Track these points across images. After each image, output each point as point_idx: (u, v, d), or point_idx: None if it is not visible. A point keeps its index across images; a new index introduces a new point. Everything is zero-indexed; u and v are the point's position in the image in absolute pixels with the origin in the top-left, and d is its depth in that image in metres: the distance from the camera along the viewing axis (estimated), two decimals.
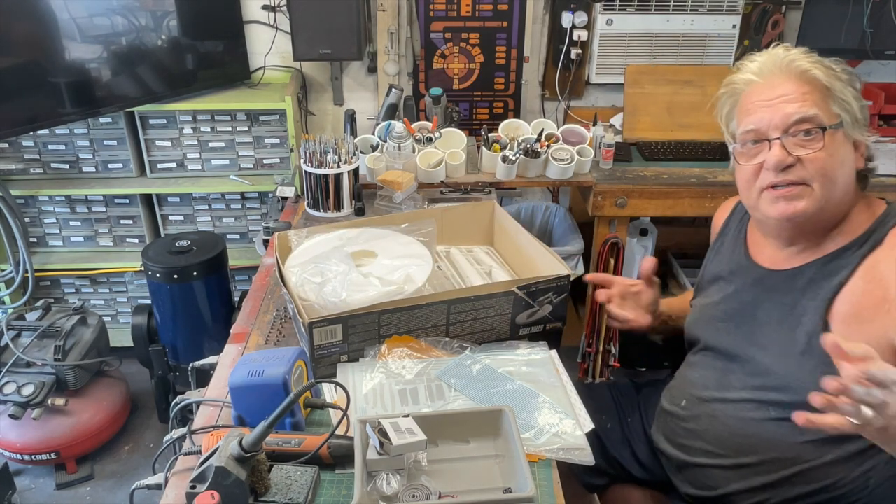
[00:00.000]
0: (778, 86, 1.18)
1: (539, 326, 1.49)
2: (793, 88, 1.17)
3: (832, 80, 1.18)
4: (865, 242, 1.19)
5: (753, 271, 1.33)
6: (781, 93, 1.18)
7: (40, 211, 2.78)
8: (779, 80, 1.19)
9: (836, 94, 1.17)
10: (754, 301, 1.31)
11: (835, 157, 1.17)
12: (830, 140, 1.16)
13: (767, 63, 1.21)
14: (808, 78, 1.17)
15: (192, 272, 2.34)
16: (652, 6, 2.75)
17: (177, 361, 2.48)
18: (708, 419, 1.33)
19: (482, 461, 1.16)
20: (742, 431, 1.28)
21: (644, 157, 2.57)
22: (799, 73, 1.18)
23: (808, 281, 1.23)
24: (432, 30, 2.79)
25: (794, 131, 1.16)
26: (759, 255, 1.35)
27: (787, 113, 1.16)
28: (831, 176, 1.17)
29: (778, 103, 1.17)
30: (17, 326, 2.35)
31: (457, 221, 1.79)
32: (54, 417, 2.32)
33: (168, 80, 2.61)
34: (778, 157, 1.16)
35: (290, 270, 1.50)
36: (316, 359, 1.34)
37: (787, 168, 1.17)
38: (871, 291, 1.15)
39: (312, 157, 2.06)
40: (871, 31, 2.70)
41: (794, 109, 1.16)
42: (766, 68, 1.21)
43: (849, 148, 1.20)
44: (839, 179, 1.18)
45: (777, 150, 1.17)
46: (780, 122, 1.16)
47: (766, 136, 1.18)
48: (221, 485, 1.00)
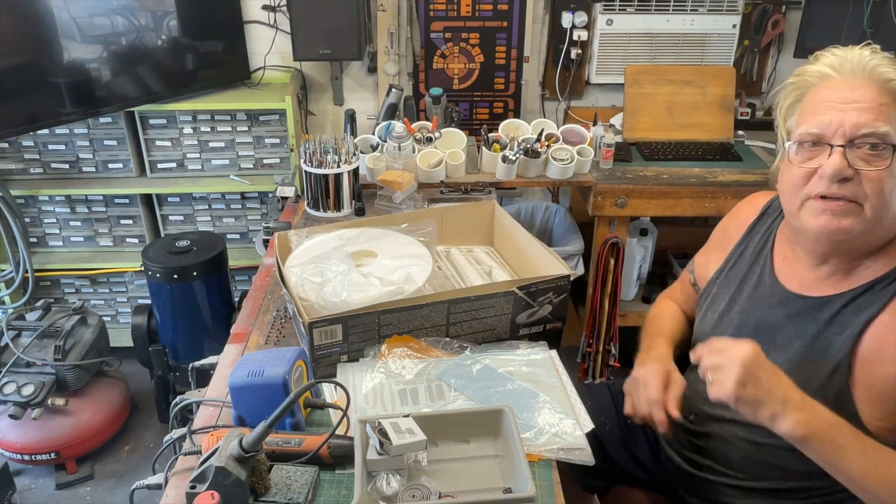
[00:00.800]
0: (855, 88, 1.08)
1: (539, 326, 1.49)
2: (871, 96, 1.07)
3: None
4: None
5: (777, 291, 1.25)
6: (857, 98, 1.07)
7: (40, 211, 2.78)
8: (858, 81, 1.08)
9: None
10: (774, 324, 1.23)
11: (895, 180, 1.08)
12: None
13: (849, 60, 1.10)
14: (889, 88, 1.07)
15: (192, 272, 2.34)
16: (652, 6, 2.75)
17: (177, 361, 2.48)
18: (718, 440, 1.30)
19: (482, 461, 1.16)
20: (754, 456, 1.24)
21: (644, 157, 2.57)
22: (882, 81, 1.07)
23: (836, 313, 1.15)
24: (432, 30, 2.79)
25: (860, 143, 1.07)
26: (786, 274, 1.25)
27: (857, 123, 1.06)
28: (887, 199, 1.08)
29: (850, 109, 1.07)
30: (17, 326, 2.35)
31: (457, 221, 1.79)
32: (54, 417, 2.32)
33: (168, 80, 2.61)
34: (837, 166, 1.06)
35: (290, 270, 1.50)
36: (316, 359, 1.34)
37: (843, 181, 1.07)
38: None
39: (312, 157, 2.06)
40: (871, 31, 2.70)
41: (866, 121, 1.06)
42: (847, 66, 1.10)
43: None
44: (893, 205, 1.09)
45: (837, 159, 1.06)
46: (850, 131, 1.06)
47: (829, 140, 1.08)
48: (221, 485, 1.00)
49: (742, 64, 2.88)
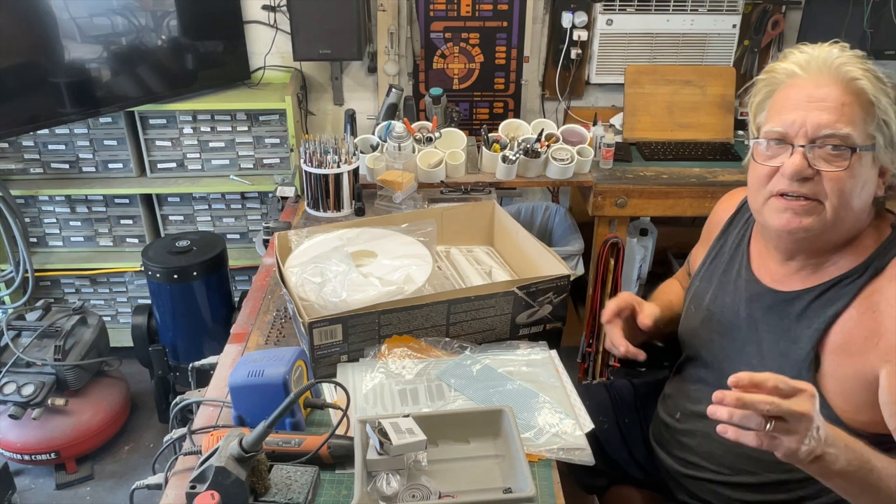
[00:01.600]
0: (820, 87, 1.09)
1: (539, 326, 1.49)
2: (834, 95, 1.07)
3: (879, 95, 1.08)
4: (866, 271, 1.13)
5: (752, 286, 1.27)
6: (821, 97, 1.08)
7: (40, 211, 2.78)
8: (823, 80, 1.09)
9: (878, 113, 1.08)
10: (750, 317, 1.26)
11: (856, 180, 1.08)
12: (857, 161, 1.07)
13: (816, 59, 1.11)
14: (853, 88, 1.08)
15: (192, 272, 2.34)
16: (652, 6, 2.75)
17: (177, 361, 2.48)
18: (702, 436, 1.31)
19: (482, 461, 1.16)
20: (737, 450, 1.24)
21: (644, 157, 2.57)
22: (847, 79, 1.08)
23: (805, 307, 1.17)
24: (432, 30, 2.80)
25: (821, 143, 1.08)
26: (761, 269, 1.28)
27: (819, 123, 1.07)
28: (847, 199, 1.09)
29: (814, 108, 1.08)
30: (17, 326, 2.35)
31: (457, 221, 1.79)
32: (54, 417, 2.32)
33: (168, 80, 2.61)
34: (797, 166, 1.08)
35: (290, 270, 1.50)
36: (316, 359, 1.34)
37: (803, 180, 1.09)
38: (864, 323, 1.11)
39: (312, 157, 2.06)
40: (871, 31, 2.70)
41: (828, 122, 1.07)
42: (813, 64, 1.11)
43: (873, 173, 1.11)
44: (854, 204, 1.10)
45: (797, 159, 1.08)
46: (812, 131, 1.08)
47: (792, 140, 1.10)
48: (221, 485, 1.00)
49: (742, 64, 2.88)
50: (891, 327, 1.08)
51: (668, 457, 1.40)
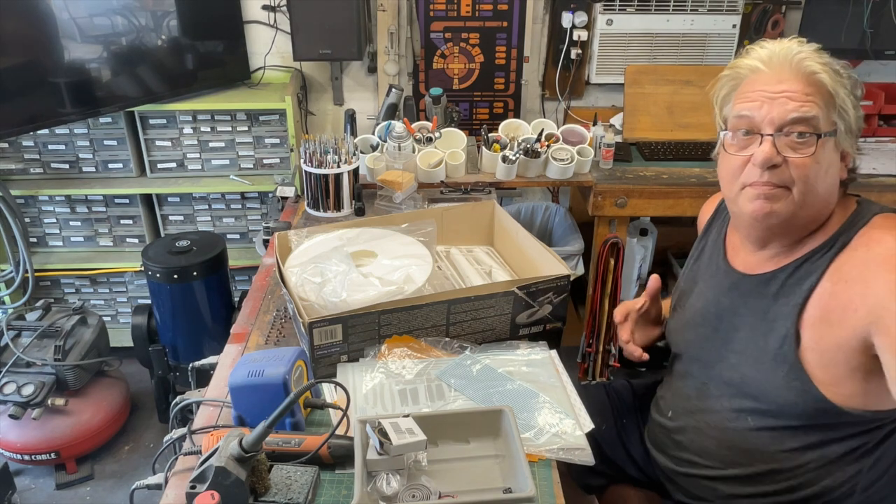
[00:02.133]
0: (784, 80, 1.14)
1: (539, 326, 1.49)
2: (798, 87, 1.13)
3: (837, 87, 1.14)
4: (834, 245, 1.18)
5: (730, 276, 1.31)
6: (785, 88, 1.13)
7: (40, 211, 2.78)
8: (785, 74, 1.14)
9: (838, 102, 1.14)
10: (730, 306, 1.29)
11: (821, 165, 1.14)
12: (821, 147, 1.13)
13: (778, 54, 1.16)
14: (814, 80, 1.13)
15: (192, 272, 2.34)
16: (652, 6, 2.75)
17: (177, 361, 2.48)
18: (693, 431, 1.33)
19: (482, 461, 1.16)
20: (726, 443, 1.28)
21: (644, 157, 2.57)
22: (807, 73, 1.13)
23: (781, 286, 1.21)
24: (432, 30, 2.80)
25: (788, 131, 1.13)
26: (736, 259, 1.33)
27: (786, 109, 1.12)
28: (813, 184, 1.14)
29: (778, 98, 1.13)
30: (17, 326, 2.35)
31: (457, 221, 1.79)
32: (54, 417, 2.32)
33: (168, 80, 2.61)
34: (766, 153, 1.13)
35: (290, 270, 1.50)
36: (316, 359, 1.34)
37: (772, 168, 1.14)
38: (838, 294, 1.14)
39: (312, 157, 2.06)
40: (871, 31, 2.70)
41: (794, 108, 1.12)
42: (775, 59, 1.16)
43: (836, 157, 1.17)
44: (820, 188, 1.16)
45: (767, 147, 1.13)
46: (777, 118, 1.13)
47: (760, 129, 1.15)
48: (221, 485, 1.00)
49: None
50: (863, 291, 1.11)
51: (663, 456, 1.41)
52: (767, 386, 1.21)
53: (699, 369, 1.34)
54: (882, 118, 2.76)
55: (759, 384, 1.22)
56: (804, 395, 1.17)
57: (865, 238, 1.15)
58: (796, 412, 1.19)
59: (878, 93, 2.74)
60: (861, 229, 1.16)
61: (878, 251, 1.11)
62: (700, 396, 1.33)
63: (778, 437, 1.23)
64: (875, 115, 2.75)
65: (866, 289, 1.11)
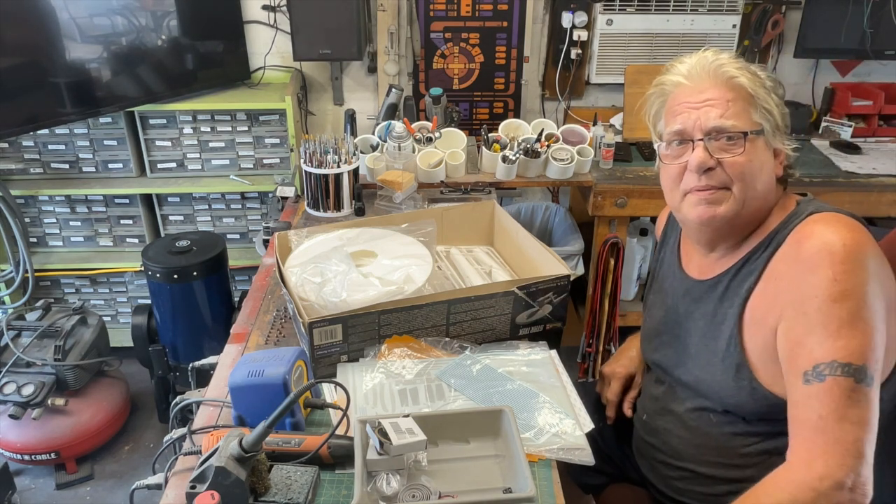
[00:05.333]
0: (705, 90, 1.20)
1: (539, 326, 1.49)
2: (718, 94, 1.19)
3: (756, 88, 1.19)
4: (770, 244, 1.21)
5: (684, 282, 1.35)
6: (707, 97, 1.19)
7: (40, 211, 2.78)
8: (706, 84, 1.20)
9: (760, 102, 1.19)
10: (685, 312, 1.33)
11: (754, 163, 1.18)
12: (751, 146, 1.18)
13: (696, 66, 1.22)
14: (733, 84, 1.19)
15: (192, 272, 2.34)
16: (652, 6, 2.75)
17: (177, 361, 2.48)
18: (664, 433, 1.36)
19: (482, 461, 1.16)
20: (693, 441, 1.31)
21: (644, 157, 2.57)
22: (725, 79, 1.19)
23: (725, 288, 1.25)
24: (432, 30, 2.80)
25: (715, 136, 1.18)
26: (689, 265, 1.37)
27: (709, 117, 1.18)
28: (749, 181, 1.19)
29: (703, 107, 1.19)
30: (17, 326, 2.35)
31: (457, 221, 1.79)
32: (54, 417, 2.32)
33: (168, 80, 2.61)
34: (700, 158, 1.18)
35: (290, 270, 1.50)
36: (316, 359, 1.34)
37: (708, 171, 1.19)
38: (768, 292, 1.18)
39: (312, 157, 2.06)
40: (871, 31, 2.70)
41: (716, 116, 1.17)
42: (694, 71, 1.21)
43: (769, 155, 1.21)
44: (758, 184, 1.20)
45: (700, 152, 1.18)
46: (704, 125, 1.18)
47: (691, 136, 1.20)
48: (221, 485, 1.00)
49: None
50: (785, 287, 1.14)
51: (642, 458, 1.44)
52: (719, 387, 1.24)
53: (664, 374, 1.39)
54: (882, 118, 2.76)
55: (711, 386, 1.25)
56: (753, 393, 1.20)
57: (797, 235, 1.17)
58: (749, 410, 1.22)
59: (878, 93, 2.74)
60: (796, 227, 1.18)
61: (805, 247, 1.13)
62: (667, 399, 1.37)
63: (741, 437, 1.25)
64: (875, 115, 2.74)
65: (787, 285, 1.14)
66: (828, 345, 1.06)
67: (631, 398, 1.52)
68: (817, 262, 1.10)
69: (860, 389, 1.05)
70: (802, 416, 1.08)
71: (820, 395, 1.05)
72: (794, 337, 1.11)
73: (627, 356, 1.58)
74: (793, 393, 1.10)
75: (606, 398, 1.54)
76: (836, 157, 2.57)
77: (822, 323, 1.08)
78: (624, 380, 1.54)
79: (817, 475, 1.03)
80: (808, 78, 2.99)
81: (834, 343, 1.06)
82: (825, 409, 1.05)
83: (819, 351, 1.07)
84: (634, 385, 1.53)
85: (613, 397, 1.53)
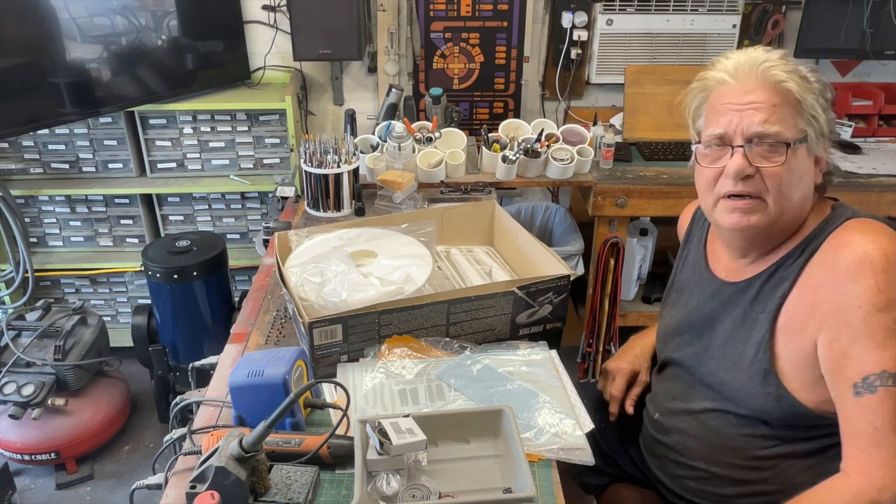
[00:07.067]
0: (750, 91, 1.15)
1: (539, 326, 1.49)
2: (764, 97, 1.14)
3: (805, 94, 1.14)
4: (805, 250, 1.19)
5: (712, 283, 1.33)
6: (752, 99, 1.15)
7: (40, 211, 2.78)
8: (752, 85, 1.15)
9: (806, 109, 1.15)
10: (712, 313, 1.31)
11: (794, 173, 1.15)
12: (792, 155, 1.14)
13: (744, 65, 1.17)
14: (781, 89, 1.14)
15: (192, 272, 2.34)
16: (652, 6, 2.75)
17: (177, 361, 2.48)
18: (678, 433, 1.35)
19: (482, 461, 1.16)
20: (709, 442, 1.30)
21: (644, 157, 2.57)
22: (773, 82, 1.14)
23: (757, 293, 1.23)
24: (432, 30, 2.79)
25: (757, 142, 1.14)
26: (717, 266, 1.35)
27: (752, 122, 1.14)
28: (787, 192, 1.16)
29: (747, 109, 1.14)
30: (17, 326, 2.35)
31: (457, 221, 1.79)
32: (54, 417, 2.32)
33: (168, 80, 2.61)
34: (739, 165, 1.14)
35: (290, 270, 1.50)
36: (316, 359, 1.34)
37: (745, 178, 1.15)
38: (805, 300, 1.16)
39: (312, 157, 2.06)
40: (871, 31, 2.70)
41: (759, 122, 1.13)
42: (741, 70, 1.17)
43: (810, 163, 1.18)
44: (794, 195, 1.17)
45: (739, 159, 1.15)
46: (747, 129, 1.14)
47: (731, 141, 1.16)
48: (221, 485, 1.00)
49: None
50: (825, 297, 1.12)
51: (653, 457, 1.43)
52: (744, 391, 1.23)
53: (683, 373, 1.37)
54: (882, 118, 2.76)
55: (736, 389, 1.24)
56: (779, 400, 1.19)
57: (834, 242, 1.15)
58: (774, 416, 1.21)
59: (878, 93, 2.74)
60: (832, 233, 1.16)
61: (844, 256, 1.12)
62: (684, 399, 1.35)
63: (759, 440, 1.24)
64: (875, 115, 2.74)
65: (827, 295, 1.12)
66: (876, 355, 1.06)
67: (634, 395, 1.51)
68: (857, 272, 1.08)
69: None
70: (857, 429, 1.07)
71: (873, 407, 1.05)
72: (839, 348, 1.09)
73: (632, 353, 1.57)
74: (844, 405, 1.09)
75: (610, 394, 1.52)
76: (836, 157, 2.57)
77: (867, 333, 1.06)
78: (629, 376, 1.52)
79: (877, 487, 1.04)
80: None
81: (882, 353, 1.05)
82: (879, 421, 1.05)
83: (868, 362, 1.06)
84: (638, 382, 1.52)
85: (618, 393, 1.51)
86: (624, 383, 1.52)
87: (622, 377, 1.52)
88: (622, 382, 1.52)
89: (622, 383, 1.52)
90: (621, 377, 1.52)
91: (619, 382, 1.52)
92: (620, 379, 1.52)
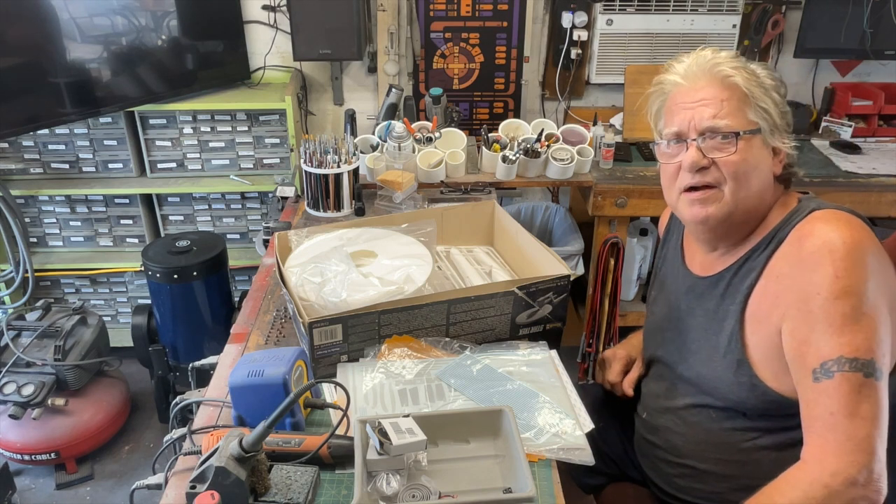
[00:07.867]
0: (700, 89, 1.21)
1: (539, 326, 1.49)
2: (713, 93, 1.20)
3: (752, 87, 1.20)
4: (771, 242, 1.22)
5: (687, 279, 1.37)
6: (702, 97, 1.20)
7: (40, 211, 2.78)
8: (702, 83, 1.21)
9: (755, 101, 1.19)
10: (687, 309, 1.35)
11: (748, 162, 1.19)
12: (745, 145, 1.19)
13: (692, 66, 1.23)
14: (728, 84, 1.19)
15: (192, 272, 2.34)
16: (652, 6, 2.75)
17: (177, 361, 2.48)
18: (665, 431, 1.37)
19: (482, 461, 1.16)
20: (693, 438, 1.32)
21: (644, 157, 2.57)
22: (721, 77, 1.20)
23: (727, 285, 1.26)
24: (432, 30, 2.79)
25: (709, 136, 1.19)
26: (693, 262, 1.38)
27: (702, 117, 1.19)
28: (742, 180, 1.20)
29: (697, 106, 1.20)
30: (17, 326, 2.35)
31: (457, 221, 1.79)
32: (54, 417, 2.32)
33: (168, 80, 2.61)
34: (693, 158, 1.20)
35: (290, 270, 1.50)
36: (316, 359, 1.34)
37: (701, 170, 1.20)
38: (770, 290, 1.19)
39: (312, 157, 2.06)
40: (871, 31, 2.70)
41: (710, 116, 1.19)
42: (690, 71, 1.23)
43: (766, 153, 1.22)
44: (752, 184, 1.21)
45: (693, 152, 1.20)
46: (698, 125, 1.20)
47: (686, 136, 1.22)
48: (221, 485, 1.00)
49: None
50: (788, 286, 1.15)
51: (644, 457, 1.45)
52: (720, 383, 1.25)
53: (666, 370, 1.39)
54: (882, 118, 2.76)
55: (713, 382, 1.26)
56: (753, 390, 1.20)
57: (798, 233, 1.18)
58: (749, 406, 1.23)
59: (878, 93, 2.74)
60: (797, 225, 1.19)
61: (806, 245, 1.14)
62: (668, 396, 1.37)
63: (740, 433, 1.26)
64: (875, 115, 2.74)
65: (790, 284, 1.14)
66: (833, 341, 1.07)
67: (631, 379, 1.52)
68: (818, 260, 1.10)
69: (869, 384, 1.06)
70: (814, 414, 1.09)
71: (829, 392, 1.07)
72: (800, 336, 1.12)
73: (629, 343, 1.60)
74: (804, 392, 1.11)
75: (608, 380, 1.54)
76: (836, 157, 2.57)
77: (826, 320, 1.08)
78: (625, 361, 1.54)
79: (829, 472, 1.04)
80: (808, 78, 2.99)
81: (839, 339, 1.07)
82: (835, 406, 1.06)
83: (825, 348, 1.08)
84: (634, 368, 1.53)
85: (615, 377, 1.53)
86: (620, 368, 1.53)
87: (618, 362, 1.54)
88: (619, 367, 1.53)
89: (619, 367, 1.53)
90: (617, 362, 1.54)
91: (616, 367, 1.54)
92: (617, 364, 1.54)
